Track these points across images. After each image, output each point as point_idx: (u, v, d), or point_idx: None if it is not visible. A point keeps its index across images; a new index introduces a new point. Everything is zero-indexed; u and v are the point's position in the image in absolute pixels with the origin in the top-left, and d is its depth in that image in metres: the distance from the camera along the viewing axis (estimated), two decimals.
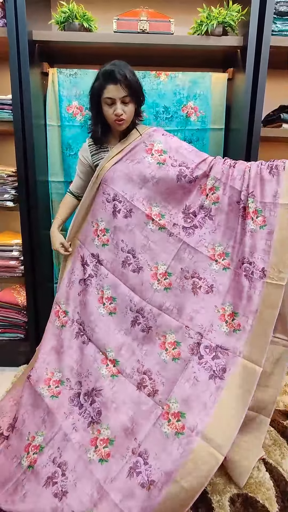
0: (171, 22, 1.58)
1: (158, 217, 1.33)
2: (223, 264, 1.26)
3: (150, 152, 1.35)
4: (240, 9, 1.54)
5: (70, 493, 1.06)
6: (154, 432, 1.11)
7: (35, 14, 1.56)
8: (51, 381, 1.30)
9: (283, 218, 1.18)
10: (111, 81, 1.22)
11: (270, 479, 1.20)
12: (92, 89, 1.29)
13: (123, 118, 1.29)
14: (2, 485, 1.11)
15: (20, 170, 1.61)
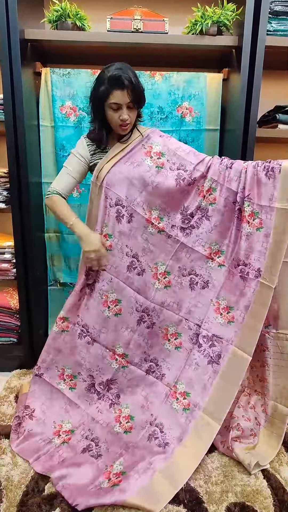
0: (165, 21, 1.57)
1: (157, 220, 1.38)
2: (218, 262, 1.35)
3: (149, 154, 1.35)
4: (235, 9, 1.52)
5: (103, 455, 1.26)
6: (166, 408, 1.34)
7: (27, 13, 1.54)
8: (64, 375, 1.42)
9: (279, 221, 1.23)
10: (118, 86, 1.20)
11: (267, 487, 1.17)
12: (96, 93, 1.25)
13: (129, 123, 1.28)
14: (34, 454, 1.25)
15: (12, 171, 1.58)
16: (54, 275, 1.90)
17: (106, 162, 1.34)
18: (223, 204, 1.31)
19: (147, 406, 1.37)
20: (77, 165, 1.36)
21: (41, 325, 1.83)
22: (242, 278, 1.29)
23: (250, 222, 1.26)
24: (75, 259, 1.87)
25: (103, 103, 1.25)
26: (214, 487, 1.17)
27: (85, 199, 1.63)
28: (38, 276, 1.76)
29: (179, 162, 1.34)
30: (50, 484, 1.16)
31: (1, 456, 1.27)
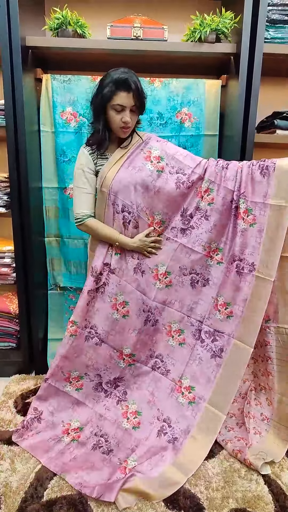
0: (164, 29, 1.59)
1: (159, 224, 1.42)
2: (217, 259, 1.39)
3: (149, 159, 1.37)
4: (233, 17, 1.55)
5: (114, 450, 1.31)
6: (172, 402, 1.39)
7: (29, 20, 1.56)
8: (70, 378, 1.44)
9: (272, 217, 1.27)
10: (124, 88, 1.22)
11: (269, 493, 1.16)
12: (101, 94, 1.25)
13: (130, 126, 1.30)
14: (45, 454, 1.28)
15: (12, 176, 1.59)
16: (54, 280, 1.90)
17: (109, 169, 1.34)
18: (221, 203, 1.35)
19: (153, 401, 1.42)
20: (90, 180, 1.36)
21: (40, 330, 1.82)
22: (238, 273, 1.33)
23: (244, 218, 1.31)
24: (75, 263, 1.87)
25: (107, 104, 1.26)
26: (215, 493, 1.16)
27: None
28: (37, 280, 1.76)
29: (177, 166, 1.37)
30: (49, 490, 1.15)
31: (0, 462, 1.26)
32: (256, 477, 1.22)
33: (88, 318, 1.42)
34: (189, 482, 1.20)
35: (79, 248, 1.86)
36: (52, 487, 1.16)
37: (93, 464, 1.25)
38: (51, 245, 1.86)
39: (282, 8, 1.55)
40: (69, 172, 1.75)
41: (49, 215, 1.82)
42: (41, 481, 1.18)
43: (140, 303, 1.41)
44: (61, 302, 1.92)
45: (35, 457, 1.28)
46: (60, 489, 1.16)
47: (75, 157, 1.73)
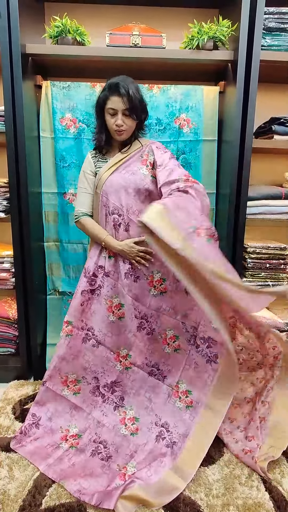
0: (163, 37, 1.61)
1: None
2: None
3: (145, 163, 1.38)
4: (230, 25, 1.57)
5: (113, 456, 1.30)
6: (169, 407, 1.39)
7: (29, 28, 1.58)
8: (68, 382, 1.44)
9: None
10: (115, 93, 1.28)
11: (269, 500, 1.15)
12: (98, 99, 1.35)
13: (123, 129, 1.33)
14: (44, 461, 1.27)
15: (12, 181, 1.60)
16: (53, 284, 1.90)
17: (105, 171, 1.38)
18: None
19: (151, 407, 1.42)
20: (89, 181, 1.43)
21: (39, 335, 1.81)
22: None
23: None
24: (74, 268, 1.88)
25: (103, 108, 1.33)
26: (215, 500, 1.14)
27: None
28: (37, 285, 1.76)
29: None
30: (47, 498, 1.14)
31: None
32: (257, 484, 1.20)
33: (85, 319, 1.42)
34: (189, 488, 1.18)
35: (78, 253, 1.86)
36: (51, 494, 1.15)
37: (92, 471, 1.23)
38: (50, 249, 1.86)
39: (279, 16, 1.57)
40: (69, 178, 1.76)
41: (48, 220, 1.83)
42: (39, 489, 1.17)
43: (132, 309, 1.41)
44: (60, 307, 1.92)
45: (34, 464, 1.26)
46: (58, 497, 1.14)
47: (74, 162, 1.75)
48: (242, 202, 1.68)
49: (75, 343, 1.42)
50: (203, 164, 1.82)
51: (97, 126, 1.39)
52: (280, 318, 1.88)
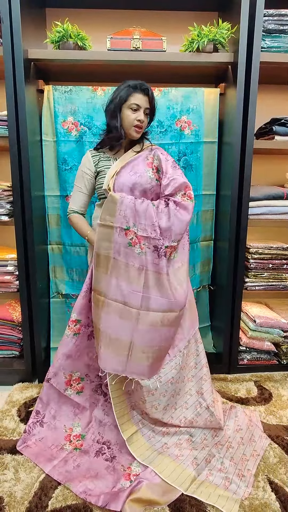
0: (163, 40, 1.63)
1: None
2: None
3: (151, 166, 1.39)
4: (229, 27, 1.59)
5: (117, 457, 1.31)
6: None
7: (31, 34, 1.60)
8: (71, 380, 1.46)
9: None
10: (140, 91, 1.34)
11: (276, 500, 1.14)
12: (118, 96, 1.35)
13: (143, 126, 1.37)
14: (49, 463, 1.27)
15: (15, 185, 1.61)
16: (56, 287, 1.91)
17: (115, 172, 1.38)
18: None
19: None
20: (85, 181, 1.45)
21: (43, 338, 1.82)
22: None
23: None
24: (77, 271, 1.88)
25: (123, 105, 1.35)
26: None
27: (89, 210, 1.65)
28: (40, 288, 1.77)
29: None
30: (54, 499, 1.14)
31: (4, 471, 1.25)
32: (263, 485, 1.20)
33: (90, 316, 1.43)
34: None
35: (81, 256, 1.87)
36: (57, 496, 1.15)
37: (97, 472, 1.24)
38: (54, 252, 1.87)
39: (278, 18, 1.58)
40: (71, 180, 1.77)
41: (51, 223, 1.84)
42: (45, 491, 1.17)
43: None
44: (63, 309, 1.93)
45: (39, 466, 1.27)
46: (64, 499, 1.14)
47: (76, 165, 1.76)
48: (244, 203, 1.69)
49: (82, 341, 1.43)
50: (204, 165, 1.83)
51: (115, 122, 1.36)
52: (284, 318, 1.88)
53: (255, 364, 1.89)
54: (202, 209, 1.89)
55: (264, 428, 1.47)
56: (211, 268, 2.00)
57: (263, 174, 1.99)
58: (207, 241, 1.96)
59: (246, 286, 1.83)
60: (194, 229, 1.89)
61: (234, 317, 1.83)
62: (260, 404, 1.63)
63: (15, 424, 1.48)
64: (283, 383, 1.80)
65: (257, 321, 1.81)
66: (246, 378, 1.83)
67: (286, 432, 1.44)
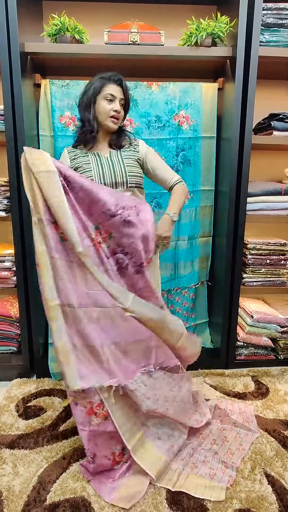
0: (161, 34, 1.61)
1: None
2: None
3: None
4: (228, 21, 1.57)
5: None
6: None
7: (27, 27, 1.58)
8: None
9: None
10: (114, 81, 1.33)
11: (272, 493, 1.16)
12: (91, 87, 1.32)
13: (119, 117, 1.35)
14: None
15: (12, 180, 1.60)
16: None
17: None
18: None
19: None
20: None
21: (41, 334, 1.82)
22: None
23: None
24: None
25: (97, 96, 1.32)
26: None
27: None
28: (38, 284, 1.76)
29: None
30: (52, 493, 1.15)
31: (2, 466, 1.25)
32: (260, 478, 1.21)
33: None
34: None
35: None
36: (55, 490, 1.16)
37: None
38: None
39: (277, 12, 1.57)
40: None
41: None
42: (43, 485, 1.17)
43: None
44: None
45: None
46: (63, 492, 1.15)
47: None
48: (242, 198, 1.69)
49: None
50: (202, 160, 1.82)
51: (88, 114, 1.33)
52: (281, 313, 1.89)
53: (252, 359, 1.90)
54: (201, 205, 1.89)
55: (261, 422, 1.48)
56: (209, 265, 2.00)
57: (261, 169, 1.99)
58: (206, 237, 1.96)
59: (244, 282, 1.84)
60: (193, 225, 1.89)
61: (232, 313, 1.83)
62: (257, 399, 1.64)
63: (13, 419, 1.48)
64: (280, 378, 1.81)
65: (254, 316, 1.82)
66: (243, 373, 1.84)
67: (282, 426, 1.46)
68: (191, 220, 1.88)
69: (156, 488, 1.17)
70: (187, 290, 1.97)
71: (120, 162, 1.34)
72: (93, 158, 1.35)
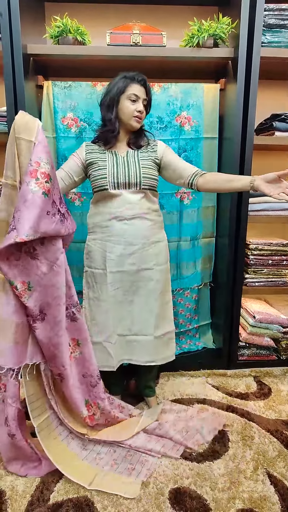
0: (163, 35, 1.62)
1: None
2: None
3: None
4: (230, 22, 1.58)
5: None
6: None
7: (30, 29, 1.59)
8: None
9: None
10: (137, 82, 1.33)
11: (275, 493, 1.16)
12: (115, 87, 1.32)
13: (142, 117, 1.36)
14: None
15: None
16: None
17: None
18: None
19: None
20: (70, 161, 1.39)
21: None
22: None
23: None
24: (78, 268, 1.88)
25: (121, 96, 1.32)
26: (221, 494, 1.15)
27: (86, 207, 1.65)
28: None
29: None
30: (55, 493, 1.15)
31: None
32: (262, 478, 1.21)
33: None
34: (195, 483, 1.19)
35: (81, 252, 1.86)
36: (58, 490, 1.16)
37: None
38: None
39: (279, 12, 1.57)
40: None
41: None
42: (47, 485, 1.18)
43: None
44: None
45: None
46: (66, 492, 1.16)
47: None
48: (244, 199, 1.69)
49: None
50: (204, 161, 1.82)
51: (110, 114, 1.33)
52: (283, 314, 1.89)
53: (254, 359, 1.90)
54: (203, 206, 1.89)
55: (264, 422, 1.48)
56: (212, 265, 2.00)
57: (263, 170, 1.97)
58: (208, 238, 1.96)
59: (246, 282, 1.84)
60: (195, 226, 1.89)
61: (234, 313, 1.83)
62: (260, 399, 1.64)
63: None
64: (282, 379, 1.81)
65: (256, 317, 1.82)
66: (245, 374, 1.85)
67: (285, 427, 1.46)
68: (193, 220, 1.88)
69: (159, 488, 1.17)
70: (189, 291, 1.97)
71: (136, 163, 1.34)
72: (109, 156, 1.35)
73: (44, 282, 1.15)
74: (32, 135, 1.09)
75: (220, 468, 1.26)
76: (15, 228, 1.05)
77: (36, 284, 1.14)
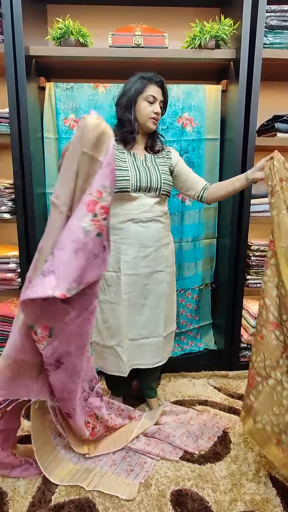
0: (165, 37, 1.62)
1: None
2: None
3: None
4: (232, 23, 1.58)
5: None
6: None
7: (32, 30, 1.60)
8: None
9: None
10: (155, 83, 1.32)
11: (277, 496, 1.15)
12: (132, 87, 1.31)
13: (159, 119, 1.36)
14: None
15: (17, 182, 1.61)
16: None
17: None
18: None
19: None
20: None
21: None
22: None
23: None
24: None
25: (138, 97, 1.31)
26: (223, 496, 1.15)
27: None
28: None
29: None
30: (57, 494, 1.15)
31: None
32: (265, 480, 1.21)
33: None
34: (197, 485, 1.19)
35: None
36: (60, 491, 1.16)
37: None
38: None
39: (281, 14, 1.57)
40: None
41: None
42: (48, 486, 1.18)
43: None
44: None
45: None
46: (67, 494, 1.16)
47: None
48: (245, 200, 1.69)
49: None
50: (206, 162, 1.83)
51: (128, 115, 1.32)
52: None
53: None
54: (204, 207, 1.89)
55: None
56: (214, 266, 2.00)
57: None
58: (210, 239, 1.96)
59: (248, 284, 1.83)
60: (196, 227, 1.89)
61: (235, 314, 1.83)
62: None
63: (18, 422, 1.49)
64: None
65: None
66: (247, 375, 1.84)
67: None
68: (194, 221, 1.88)
69: (160, 490, 1.17)
70: (190, 292, 1.97)
71: (156, 168, 1.35)
72: (129, 158, 1.34)
73: (69, 330, 0.96)
74: (101, 153, 0.86)
75: (222, 470, 1.25)
76: (53, 272, 0.82)
77: (59, 331, 0.95)
